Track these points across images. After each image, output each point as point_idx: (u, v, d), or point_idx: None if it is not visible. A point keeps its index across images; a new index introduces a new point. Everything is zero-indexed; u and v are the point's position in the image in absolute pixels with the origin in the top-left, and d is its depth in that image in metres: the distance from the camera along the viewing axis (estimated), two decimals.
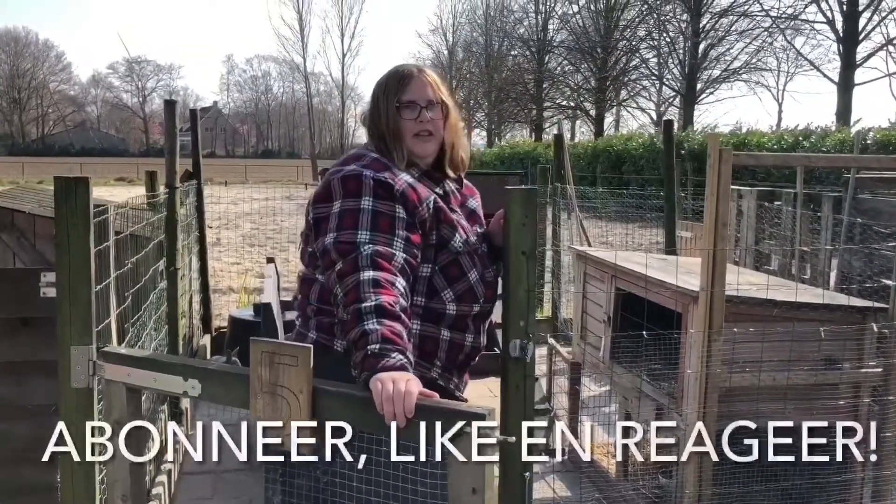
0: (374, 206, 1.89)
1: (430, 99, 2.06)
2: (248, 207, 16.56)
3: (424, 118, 2.04)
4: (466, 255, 2.03)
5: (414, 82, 2.06)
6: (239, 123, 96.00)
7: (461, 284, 2.03)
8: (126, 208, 3.73)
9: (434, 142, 2.07)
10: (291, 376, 1.75)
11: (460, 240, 2.02)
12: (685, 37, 36.72)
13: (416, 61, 63.90)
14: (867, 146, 15.84)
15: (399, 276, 1.82)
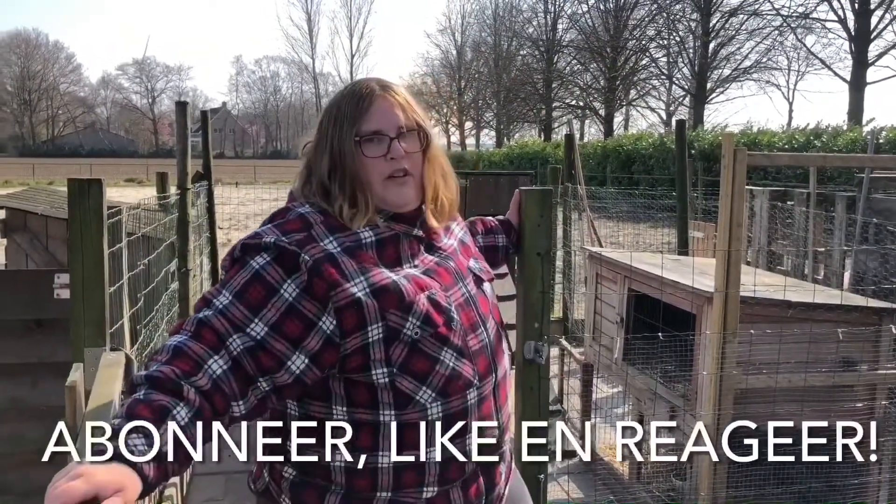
0: (257, 272, 1.36)
1: (402, 125, 1.48)
2: (258, 208, 16.60)
3: (396, 153, 1.47)
4: (430, 337, 1.42)
5: (377, 104, 1.48)
6: (248, 124, 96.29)
7: (436, 376, 1.43)
8: (139, 209, 3.73)
9: (412, 183, 1.50)
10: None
11: (415, 322, 1.41)
12: (695, 36, 36.60)
13: (424, 61, 63.55)
14: (880, 145, 15.75)
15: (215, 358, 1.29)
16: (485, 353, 1.50)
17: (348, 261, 1.41)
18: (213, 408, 1.26)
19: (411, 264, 1.49)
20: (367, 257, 1.44)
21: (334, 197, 1.47)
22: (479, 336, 1.50)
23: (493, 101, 52.83)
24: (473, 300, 1.53)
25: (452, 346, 1.44)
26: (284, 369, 1.34)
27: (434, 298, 1.44)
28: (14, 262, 5.74)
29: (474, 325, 1.50)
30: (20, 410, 3.15)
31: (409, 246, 1.51)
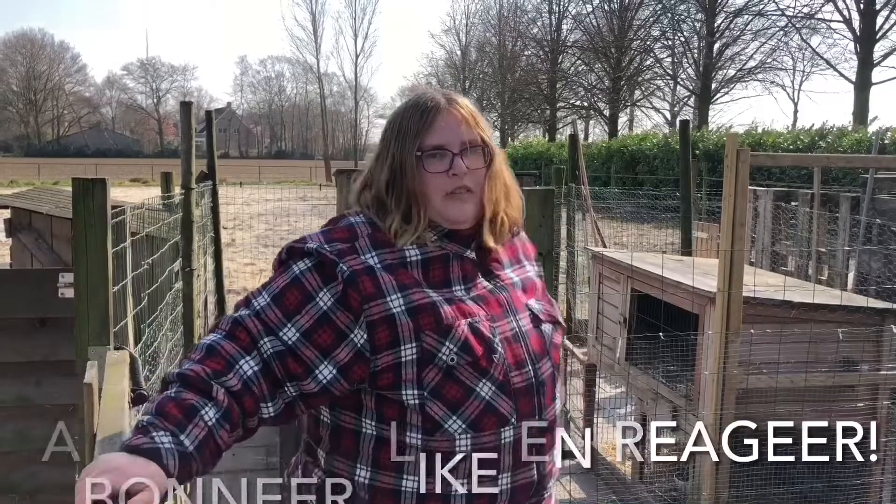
0: (296, 276, 1.37)
1: (465, 140, 1.43)
2: (262, 208, 16.62)
3: (459, 169, 1.41)
4: (468, 366, 1.37)
5: (442, 118, 1.43)
6: (252, 124, 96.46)
7: (469, 406, 1.37)
8: (143, 209, 3.75)
9: (473, 201, 1.44)
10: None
11: (452, 347, 1.36)
12: (700, 36, 36.54)
13: (429, 62, 63.44)
14: (885, 146, 15.71)
15: (246, 359, 1.31)
16: (530, 394, 1.41)
17: (388, 277, 1.37)
18: (241, 408, 1.28)
19: (461, 287, 1.43)
20: (409, 276, 1.40)
21: (388, 210, 1.44)
22: (525, 374, 1.41)
23: (498, 102, 52.81)
24: (523, 336, 1.44)
25: (492, 380, 1.37)
26: (311, 377, 1.33)
27: (476, 326, 1.38)
28: (19, 261, 5.76)
29: (521, 362, 1.41)
30: (25, 409, 3.16)
31: (460, 267, 1.45)
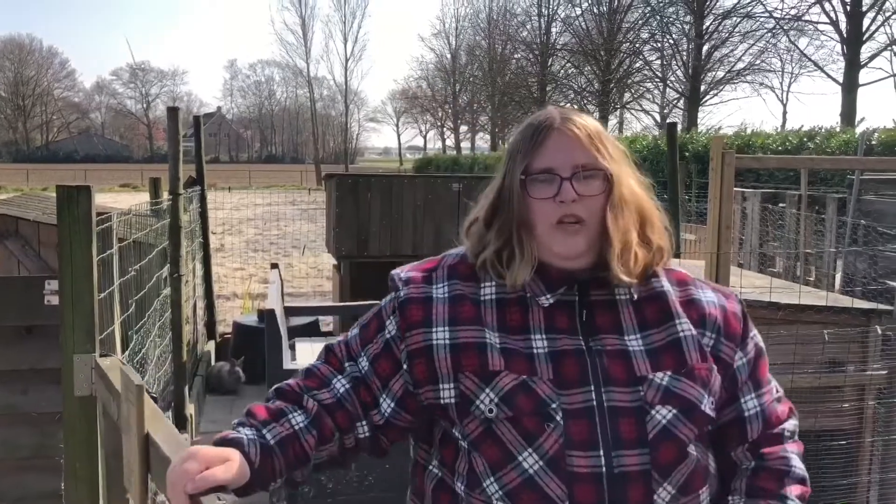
0: (381, 306, 1.36)
1: (578, 164, 1.23)
2: (252, 213, 16.59)
3: (567, 195, 1.22)
4: (509, 423, 1.19)
5: (553, 139, 1.25)
6: (242, 129, 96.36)
7: (508, 474, 1.18)
8: (130, 215, 3.73)
9: (586, 233, 1.23)
10: (132, 417, 1.44)
11: (492, 396, 1.20)
12: (688, 38, 36.69)
13: (419, 65, 63.80)
14: (872, 147, 15.80)
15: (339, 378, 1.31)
16: (596, 485, 1.15)
17: (445, 308, 1.27)
18: (334, 422, 1.26)
19: (542, 337, 1.22)
20: (474, 312, 1.26)
21: (487, 242, 1.29)
22: (593, 460, 1.16)
23: (488, 105, 52.89)
24: (603, 414, 1.17)
25: (540, 452, 1.17)
26: (377, 408, 1.29)
27: (531, 385, 1.19)
28: (6, 268, 5.74)
29: (587, 443, 1.16)
30: (11, 417, 3.14)
31: (544, 315, 1.24)
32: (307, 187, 32.50)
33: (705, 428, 1.24)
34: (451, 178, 7.17)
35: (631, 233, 1.24)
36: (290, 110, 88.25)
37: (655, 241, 1.27)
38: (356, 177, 7.20)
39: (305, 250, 12.86)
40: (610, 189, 1.24)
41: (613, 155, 1.26)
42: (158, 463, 1.31)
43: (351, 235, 6.61)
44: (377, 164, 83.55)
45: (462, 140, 63.39)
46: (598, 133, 1.27)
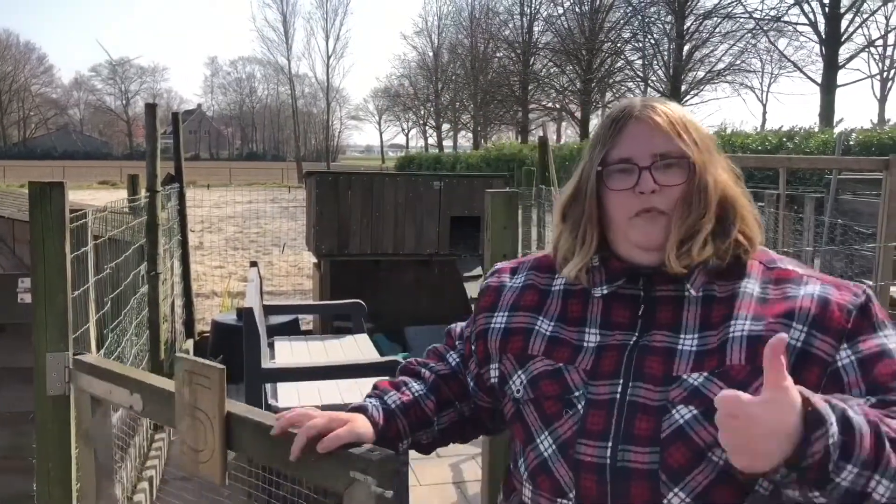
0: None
1: (658, 153, 1.19)
2: (232, 210, 16.49)
3: (645, 186, 1.18)
4: (532, 406, 1.23)
5: (632, 128, 1.21)
6: (223, 126, 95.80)
7: (529, 455, 1.23)
8: (105, 212, 3.69)
9: (665, 223, 1.19)
10: (206, 399, 1.53)
11: (525, 379, 1.24)
12: (669, 38, 36.92)
13: (401, 63, 63.89)
14: (850, 147, 15.96)
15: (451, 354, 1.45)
16: (599, 476, 1.14)
17: (513, 296, 1.33)
18: (451, 390, 1.38)
19: (596, 332, 1.22)
20: (539, 301, 1.30)
21: (560, 231, 1.28)
22: (599, 450, 1.14)
23: (470, 103, 52.94)
24: (622, 408, 1.15)
25: (554, 435, 1.19)
26: (466, 385, 1.40)
27: (564, 373, 1.20)
28: None
29: (598, 433, 1.15)
30: None
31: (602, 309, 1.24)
32: (288, 185, 32.37)
33: None
34: (433, 176, 7.15)
35: (704, 223, 1.18)
36: (272, 108, 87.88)
37: (738, 233, 1.20)
38: (336, 174, 7.16)
39: (285, 248, 12.80)
40: (692, 178, 1.18)
41: (698, 142, 1.20)
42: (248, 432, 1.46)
43: (331, 233, 6.58)
44: (359, 162, 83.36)
45: (444, 138, 63.42)
46: (682, 120, 1.21)
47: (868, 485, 0.97)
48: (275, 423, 1.27)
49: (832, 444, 0.94)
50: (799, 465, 0.95)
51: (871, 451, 0.97)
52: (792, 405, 0.94)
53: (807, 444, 0.94)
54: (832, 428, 0.94)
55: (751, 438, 0.94)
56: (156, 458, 4.16)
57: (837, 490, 0.97)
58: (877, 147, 15.19)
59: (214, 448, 1.51)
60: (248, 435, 1.45)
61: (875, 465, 0.97)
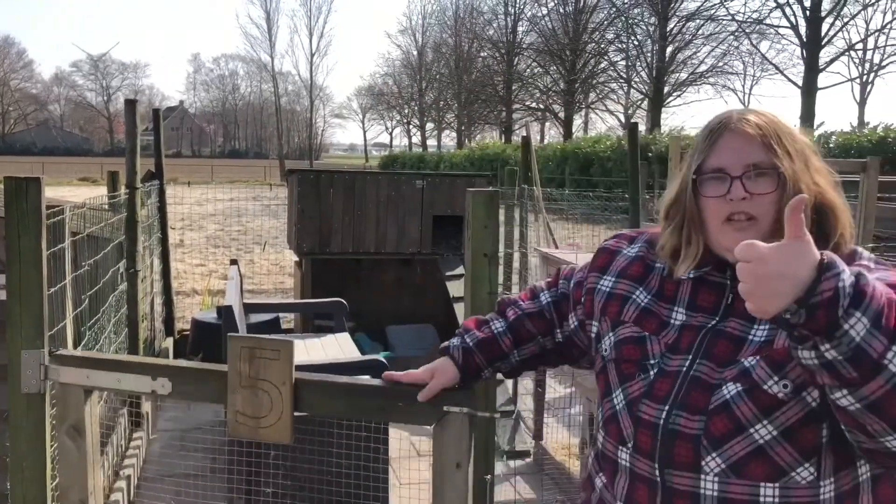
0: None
1: (750, 163, 1.27)
2: (213, 208, 16.39)
3: (736, 194, 1.27)
4: (614, 366, 1.40)
5: (726, 139, 1.31)
6: (205, 123, 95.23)
7: (606, 405, 1.41)
8: (84, 209, 3.66)
9: (757, 229, 1.27)
10: (273, 370, 1.79)
11: (614, 340, 1.41)
12: (653, 40, 37.11)
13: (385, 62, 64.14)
14: (830, 150, 16.12)
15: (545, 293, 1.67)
16: (653, 434, 1.29)
17: (623, 262, 1.49)
18: (534, 327, 1.63)
19: (683, 311, 1.36)
20: (643, 274, 1.45)
21: (663, 228, 1.40)
22: (656, 411, 1.29)
23: (454, 103, 52.96)
24: (683, 379, 1.29)
25: (626, 392, 1.35)
26: (568, 322, 1.60)
27: (646, 342, 1.36)
28: None
29: (662, 398, 1.30)
30: None
31: (693, 292, 1.36)
32: (270, 183, 32.22)
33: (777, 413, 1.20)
34: (415, 175, 7.13)
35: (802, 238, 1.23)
36: (254, 105, 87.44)
37: (833, 236, 1.28)
38: (318, 172, 7.13)
39: (266, 246, 12.75)
40: (784, 187, 1.25)
41: (791, 152, 1.28)
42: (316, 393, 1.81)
43: (313, 232, 6.55)
44: (343, 160, 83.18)
45: (428, 137, 63.42)
46: (776, 131, 1.29)
47: (884, 354, 0.99)
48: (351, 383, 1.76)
49: (841, 288, 0.99)
50: (808, 302, 0.99)
51: (887, 316, 1.00)
52: (804, 253, 1.02)
53: (816, 283, 0.99)
54: (844, 274, 1.00)
55: (760, 278, 1.02)
56: (133, 457, 4.13)
57: (848, 341, 0.99)
58: (856, 149, 15.36)
59: (283, 411, 1.79)
60: (316, 395, 1.81)
61: (892, 334, 1.00)
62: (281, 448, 3.38)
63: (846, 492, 1.22)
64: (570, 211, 12.73)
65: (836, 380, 1.04)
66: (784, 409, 1.19)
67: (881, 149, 14.80)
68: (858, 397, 1.04)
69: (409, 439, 4.69)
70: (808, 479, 1.20)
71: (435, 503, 1.89)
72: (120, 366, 2.03)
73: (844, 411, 1.08)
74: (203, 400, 2.18)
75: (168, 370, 1.96)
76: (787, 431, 1.20)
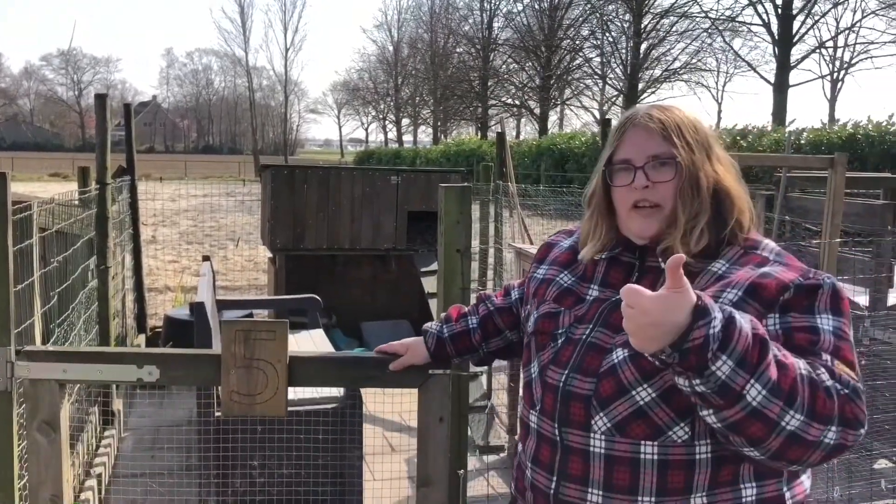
0: None
1: (652, 154, 1.42)
2: (187, 204, 16.24)
3: (639, 183, 1.41)
4: (534, 338, 1.54)
5: (631, 132, 1.46)
6: (179, 118, 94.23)
7: (525, 373, 1.57)
8: (52, 204, 3.61)
9: (659, 216, 1.41)
10: (268, 349, 1.96)
11: (535, 317, 1.56)
12: (627, 37, 37.29)
13: (360, 57, 64.00)
14: (801, 146, 16.30)
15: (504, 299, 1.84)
16: (553, 395, 1.43)
17: (557, 253, 1.64)
18: (502, 321, 1.79)
19: (596, 288, 1.50)
20: (568, 259, 1.60)
21: (584, 219, 1.56)
22: (559, 377, 1.43)
23: (430, 98, 52.87)
24: (581, 345, 1.43)
25: (539, 361, 1.51)
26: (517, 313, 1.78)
27: (560, 316, 1.50)
28: None
29: (563, 364, 1.44)
30: None
31: (606, 272, 1.50)
32: (244, 178, 31.98)
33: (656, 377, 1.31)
34: (390, 170, 7.12)
35: (700, 215, 1.40)
36: (229, 100, 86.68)
37: (730, 220, 1.41)
38: (292, 168, 7.10)
39: (240, 242, 12.66)
40: (681, 175, 1.40)
41: (692, 143, 1.42)
42: (312, 367, 2.05)
43: (286, 228, 6.51)
44: (318, 155, 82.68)
45: (404, 133, 63.30)
46: (677, 124, 1.42)
47: (744, 387, 1.13)
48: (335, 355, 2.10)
49: (711, 335, 1.12)
50: (681, 348, 1.13)
51: (750, 355, 1.13)
52: (680, 304, 1.13)
53: (689, 331, 1.12)
54: (714, 321, 1.12)
55: (641, 325, 1.15)
56: (104, 455, 4.08)
57: (714, 379, 1.13)
58: (826, 146, 15.54)
59: (278, 387, 1.97)
60: (311, 370, 2.03)
61: (753, 369, 1.13)
62: (255, 444, 3.37)
63: (726, 457, 1.32)
64: (545, 207, 12.76)
65: (704, 403, 1.18)
66: (662, 374, 1.30)
67: (850, 146, 15.00)
68: (721, 418, 1.18)
69: (384, 434, 4.69)
70: (683, 437, 1.32)
71: (420, 453, 2.13)
72: (102, 357, 2.08)
73: (711, 424, 1.22)
74: (194, 384, 2.53)
75: (155, 357, 2.05)
76: (664, 394, 1.31)
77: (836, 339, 1.27)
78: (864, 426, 1.21)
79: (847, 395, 1.19)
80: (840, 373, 1.22)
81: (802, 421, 1.15)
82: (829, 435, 1.17)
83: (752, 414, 1.14)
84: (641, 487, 1.33)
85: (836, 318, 1.29)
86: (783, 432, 1.15)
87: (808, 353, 1.24)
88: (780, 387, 1.14)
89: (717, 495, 1.33)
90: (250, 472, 3.42)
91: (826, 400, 1.17)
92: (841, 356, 1.25)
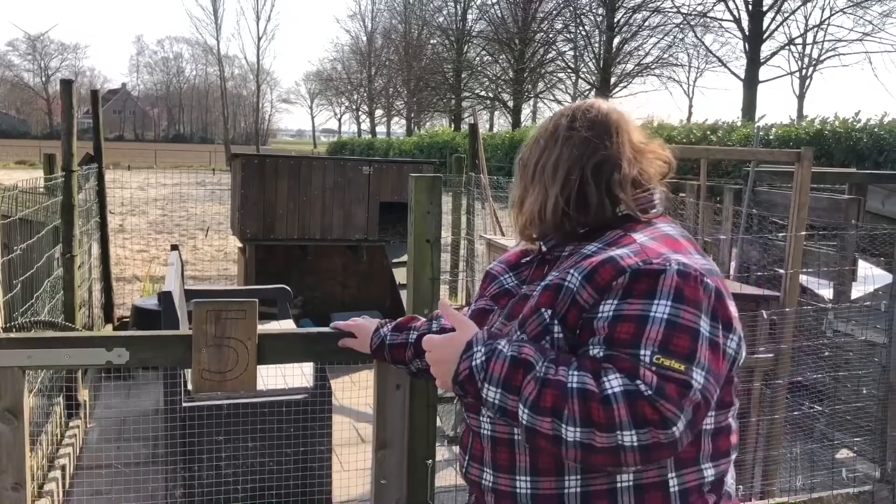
0: None
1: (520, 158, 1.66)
2: (156, 193, 16.05)
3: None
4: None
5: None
6: (149, 106, 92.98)
7: None
8: (15, 192, 3.55)
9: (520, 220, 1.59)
10: (239, 328, 2.05)
11: (473, 308, 1.68)
12: (600, 31, 37.43)
13: (334, 47, 63.75)
14: (770, 141, 16.48)
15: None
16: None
17: (512, 254, 1.70)
18: None
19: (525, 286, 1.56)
20: (515, 261, 1.67)
21: None
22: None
23: (404, 89, 52.69)
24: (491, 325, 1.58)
25: None
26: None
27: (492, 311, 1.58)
28: None
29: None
30: None
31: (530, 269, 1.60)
32: (213, 168, 31.66)
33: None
34: (362, 161, 7.09)
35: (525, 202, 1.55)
36: (200, 89, 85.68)
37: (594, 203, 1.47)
38: (263, 157, 7.03)
39: (210, 232, 12.54)
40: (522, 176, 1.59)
41: (533, 145, 1.60)
42: (280, 344, 2.19)
43: (257, 217, 6.46)
44: (290, 145, 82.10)
45: (377, 124, 63.04)
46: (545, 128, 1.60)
47: (516, 408, 1.27)
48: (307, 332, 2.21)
49: (474, 366, 1.31)
50: (456, 381, 1.34)
51: (514, 379, 1.27)
52: (454, 343, 1.36)
53: (458, 365, 1.33)
54: (476, 354, 1.31)
55: (433, 365, 1.39)
56: (69, 446, 4.03)
57: (491, 405, 1.31)
58: (794, 142, 15.73)
59: (248, 363, 2.07)
60: (280, 345, 2.16)
61: (517, 392, 1.26)
62: (222, 435, 3.35)
63: None
64: None
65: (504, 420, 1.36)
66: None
67: (818, 141, 15.20)
68: (520, 434, 1.35)
69: (353, 425, 4.69)
70: None
71: (378, 418, 2.28)
72: (68, 342, 2.08)
73: None
74: (164, 364, 2.66)
75: (124, 340, 2.07)
76: None
77: (667, 329, 1.25)
78: (676, 423, 1.19)
79: (649, 396, 1.18)
80: (650, 373, 1.21)
81: (582, 431, 1.20)
82: (625, 439, 1.18)
83: (530, 431, 1.26)
84: (518, 467, 1.41)
85: (676, 305, 1.27)
86: (570, 444, 1.22)
87: (622, 349, 1.25)
88: (540, 405, 1.23)
89: (590, 479, 1.35)
90: (217, 463, 3.39)
91: (601, 409, 1.19)
92: (671, 348, 1.23)
